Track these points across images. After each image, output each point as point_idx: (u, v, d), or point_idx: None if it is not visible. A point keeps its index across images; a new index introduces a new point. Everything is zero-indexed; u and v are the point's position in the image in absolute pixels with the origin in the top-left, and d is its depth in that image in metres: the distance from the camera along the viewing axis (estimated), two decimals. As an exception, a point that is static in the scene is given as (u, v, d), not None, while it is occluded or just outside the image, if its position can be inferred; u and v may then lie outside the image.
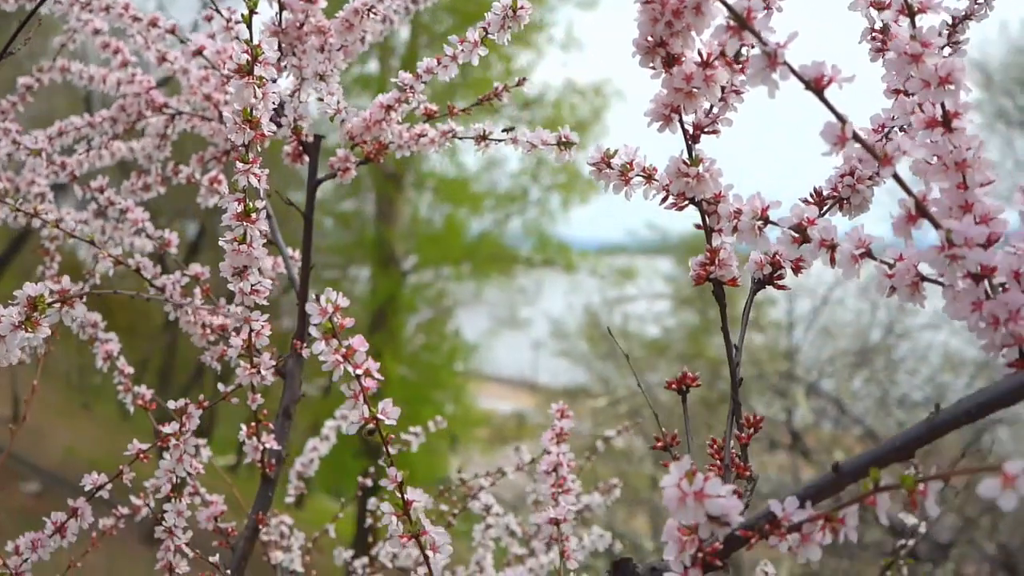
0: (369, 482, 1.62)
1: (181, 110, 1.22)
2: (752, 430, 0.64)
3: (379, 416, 0.64)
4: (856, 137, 0.51)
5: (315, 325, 0.62)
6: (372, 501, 1.27)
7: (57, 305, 0.66)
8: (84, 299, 0.69)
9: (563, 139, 0.84)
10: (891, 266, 0.56)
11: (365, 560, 1.56)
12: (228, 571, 0.96)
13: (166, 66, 1.16)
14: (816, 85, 0.51)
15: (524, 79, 1.02)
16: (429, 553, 0.65)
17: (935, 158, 0.55)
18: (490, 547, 1.37)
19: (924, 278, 0.55)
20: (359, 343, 0.63)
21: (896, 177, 0.52)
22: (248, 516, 1.01)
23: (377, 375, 0.63)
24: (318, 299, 0.61)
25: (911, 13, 0.56)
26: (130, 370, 1.12)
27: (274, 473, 1.00)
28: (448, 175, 11.66)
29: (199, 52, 1.02)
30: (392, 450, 0.67)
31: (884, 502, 0.48)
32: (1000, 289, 0.52)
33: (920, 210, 0.52)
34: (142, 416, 1.06)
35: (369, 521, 1.55)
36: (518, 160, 11.17)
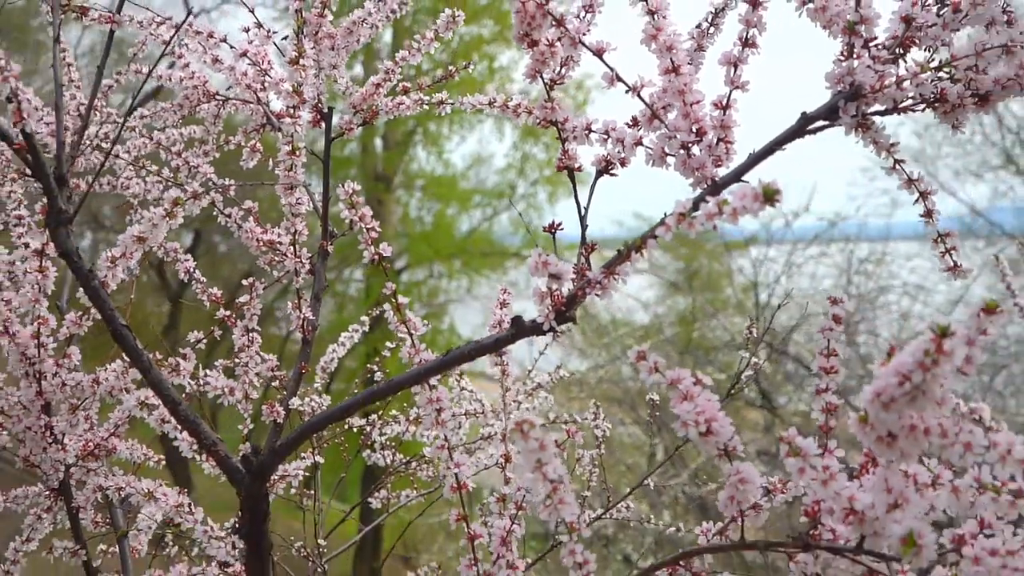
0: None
1: (229, 96, 1.70)
2: (592, 250, 1.13)
3: (381, 252, 1.12)
4: (618, 78, 1.00)
5: (341, 200, 1.10)
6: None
7: (191, 200, 1.15)
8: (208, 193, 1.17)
9: (492, 100, 1.32)
10: (651, 150, 1.05)
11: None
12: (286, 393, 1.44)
13: (218, 65, 1.64)
14: (598, 52, 1.00)
15: (470, 63, 1.52)
16: (412, 331, 1.13)
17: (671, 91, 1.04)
18: (461, 412, 1.85)
19: (667, 153, 1.04)
20: (368, 210, 1.11)
21: (644, 101, 1.00)
22: (294, 366, 1.49)
23: (378, 229, 1.11)
24: (342, 185, 1.09)
25: (651, 11, 1.04)
26: (204, 280, 1.60)
27: (311, 336, 1.48)
28: (436, 173, 12.13)
29: (244, 54, 1.50)
30: (391, 282, 1.15)
31: (651, 244, 0.96)
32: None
33: (654, 115, 1.01)
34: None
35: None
36: (503, 157, 11.63)
